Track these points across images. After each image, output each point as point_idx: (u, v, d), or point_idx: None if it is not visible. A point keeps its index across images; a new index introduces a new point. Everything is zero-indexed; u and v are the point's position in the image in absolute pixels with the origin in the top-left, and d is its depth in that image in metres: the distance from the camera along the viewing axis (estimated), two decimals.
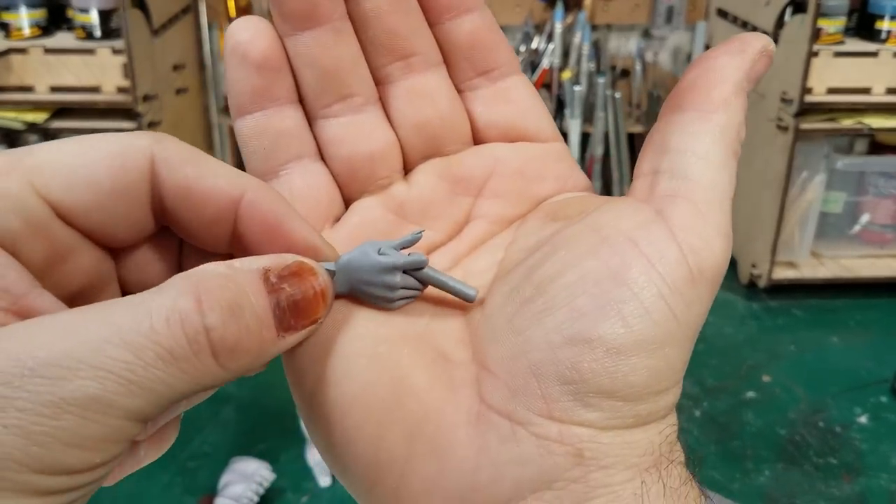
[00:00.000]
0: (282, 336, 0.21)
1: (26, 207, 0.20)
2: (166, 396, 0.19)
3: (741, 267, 1.75)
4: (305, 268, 0.22)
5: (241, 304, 0.20)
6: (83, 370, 0.18)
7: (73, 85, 1.45)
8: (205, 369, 0.19)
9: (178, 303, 0.19)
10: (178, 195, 0.22)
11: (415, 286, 0.24)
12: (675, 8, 1.89)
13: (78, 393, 0.17)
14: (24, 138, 1.54)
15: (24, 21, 1.46)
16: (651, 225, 0.22)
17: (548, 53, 1.85)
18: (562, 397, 0.21)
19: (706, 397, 1.40)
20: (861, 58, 1.56)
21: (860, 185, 1.69)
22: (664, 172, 0.23)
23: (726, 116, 0.23)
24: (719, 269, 0.22)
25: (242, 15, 1.77)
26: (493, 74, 0.27)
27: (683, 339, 0.22)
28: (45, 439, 0.17)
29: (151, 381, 0.18)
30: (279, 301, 0.21)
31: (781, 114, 1.57)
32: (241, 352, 0.20)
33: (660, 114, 0.24)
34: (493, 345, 0.23)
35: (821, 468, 1.25)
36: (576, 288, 0.22)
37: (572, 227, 0.23)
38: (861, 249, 1.73)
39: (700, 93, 0.23)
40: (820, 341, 1.56)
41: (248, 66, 0.25)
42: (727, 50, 0.24)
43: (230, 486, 1.14)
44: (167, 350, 0.18)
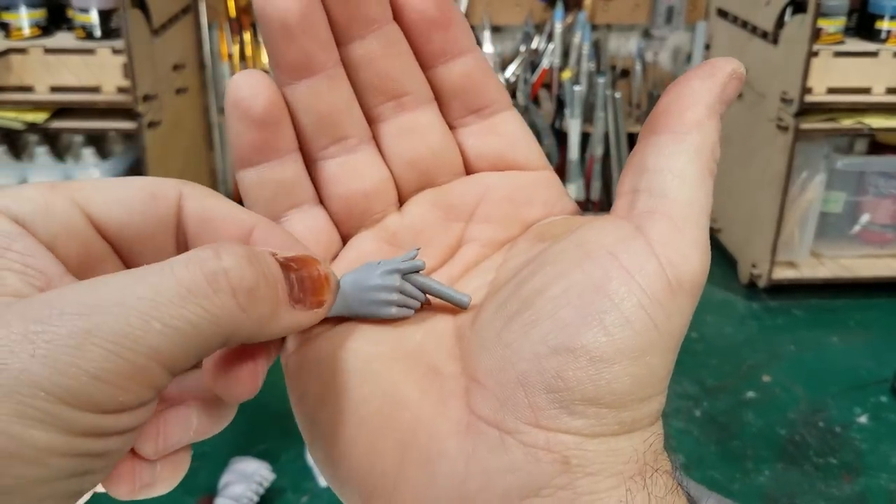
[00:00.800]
0: (293, 306, 0.22)
1: (66, 214, 0.22)
2: (190, 338, 0.20)
3: (741, 267, 1.75)
4: (309, 256, 0.23)
5: (256, 256, 0.21)
6: (109, 308, 0.19)
7: (73, 85, 1.45)
8: (224, 307, 0.20)
9: (198, 253, 0.20)
10: (200, 222, 0.24)
11: (414, 294, 0.25)
12: (675, 8, 1.89)
13: (104, 327, 0.18)
14: (24, 138, 1.54)
15: (24, 21, 1.46)
16: (631, 240, 0.23)
17: (548, 53, 1.85)
18: (548, 406, 0.22)
19: (706, 397, 1.40)
20: (861, 58, 1.56)
21: (860, 185, 1.69)
22: (643, 191, 0.24)
23: (700, 137, 0.24)
24: (697, 280, 0.23)
25: (242, 15, 1.77)
26: (484, 112, 0.28)
27: (665, 349, 0.23)
28: (71, 369, 0.18)
29: (172, 318, 0.19)
30: (289, 274, 0.22)
31: (781, 114, 1.57)
32: (260, 296, 0.21)
33: (638, 137, 0.25)
34: (482, 357, 0.23)
35: (821, 468, 1.25)
36: (560, 300, 0.22)
37: (558, 244, 0.24)
38: (861, 249, 1.73)
39: (674, 116, 0.24)
40: (820, 341, 1.56)
41: (249, 122, 0.26)
42: (698, 74, 0.25)
43: (230, 486, 1.14)
44: (186, 287, 0.20)
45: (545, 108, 1.83)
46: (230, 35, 1.77)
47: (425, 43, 0.27)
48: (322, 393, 0.25)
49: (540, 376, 0.22)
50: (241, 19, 1.78)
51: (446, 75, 0.27)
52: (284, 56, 0.25)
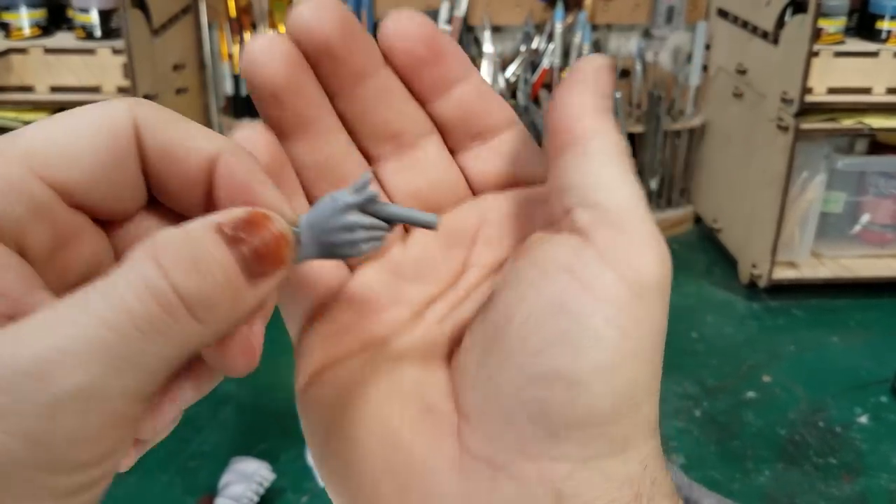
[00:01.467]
0: (254, 283, 0.21)
1: (30, 192, 0.20)
2: (156, 367, 0.19)
3: (741, 267, 1.75)
4: (258, 215, 0.22)
5: (200, 258, 0.20)
6: (68, 361, 0.18)
7: (74, 85, 1.45)
8: (185, 328, 0.19)
9: (142, 272, 0.19)
10: (161, 156, 0.22)
11: (378, 225, 0.24)
12: (675, 8, 1.89)
13: (68, 386, 0.17)
14: None
15: (24, 21, 1.46)
16: (581, 253, 0.22)
17: (548, 53, 1.85)
18: (535, 435, 0.22)
19: (706, 397, 1.40)
20: (861, 58, 1.56)
21: (860, 185, 1.69)
22: (575, 208, 0.23)
23: (600, 140, 0.23)
24: (661, 277, 0.22)
25: (243, 15, 1.77)
26: (486, 136, 0.28)
27: (643, 354, 0.22)
28: (49, 438, 0.17)
29: (136, 355, 0.18)
30: (241, 250, 0.21)
31: (781, 114, 1.57)
32: (215, 302, 0.20)
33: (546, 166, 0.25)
34: (467, 393, 0.24)
35: (821, 468, 1.25)
36: (527, 327, 0.22)
37: (516, 264, 0.24)
38: (861, 249, 1.73)
39: (566, 133, 0.24)
40: (820, 341, 1.56)
41: None
42: (570, 84, 0.24)
43: (230, 486, 1.14)
44: (143, 319, 0.18)
45: (545, 108, 1.83)
46: (230, 35, 1.77)
47: (416, 80, 0.27)
48: (326, 434, 0.25)
49: (523, 407, 0.22)
50: (241, 19, 1.78)
51: (443, 108, 0.27)
52: (277, 118, 0.26)
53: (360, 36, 0.26)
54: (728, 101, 1.80)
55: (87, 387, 0.18)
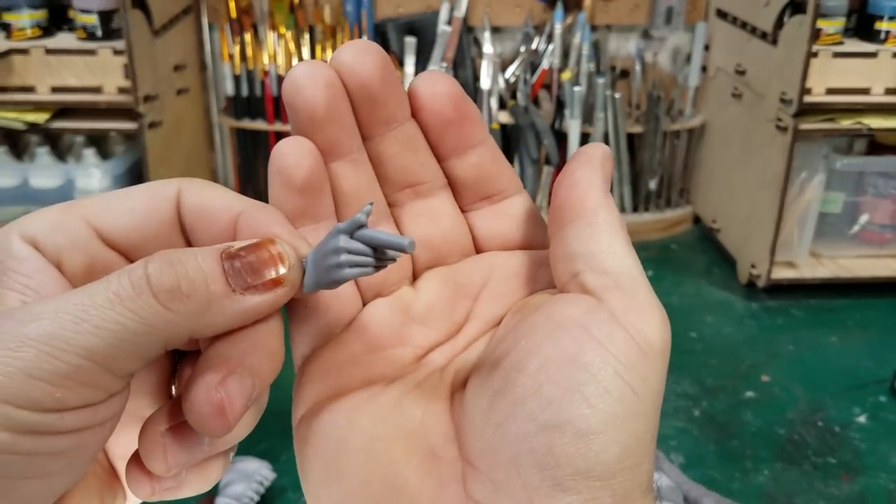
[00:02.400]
0: (241, 293, 0.23)
1: (72, 228, 0.25)
2: (122, 338, 0.21)
3: (740, 267, 1.75)
4: (264, 240, 0.24)
5: (181, 259, 0.23)
6: (45, 313, 0.21)
7: (75, 85, 1.45)
8: (149, 308, 0.22)
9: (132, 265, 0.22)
10: (195, 216, 0.26)
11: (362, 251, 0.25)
12: (674, 9, 1.89)
13: (38, 330, 0.20)
14: (26, 138, 1.55)
15: (25, 21, 1.47)
16: (596, 312, 0.24)
17: (548, 54, 1.85)
18: (542, 484, 0.23)
19: (705, 397, 1.40)
20: (860, 58, 1.56)
21: (859, 186, 1.69)
22: (585, 272, 0.25)
23: (607, 215, 0.26)
24: (665, 341, 0.24)
25: (243, 16, 1.77)
26: (494, 199, 0.30)
27: (647, 413, 0.23)
28: (9, 370, 0.20)
29: (102, 320, 0.21)
30: (233, 263, 0.23)
31: (780, 114, 1.57)
32: (180, 295, 0.22)
33: (549, 233, 0.27)
34: (474, 439, 0.24)
35: (820, 468, 1.25)
36: (540, 377, 0.23)
37: (529, 318, 0.26)
38: (860, 249, 1.74)
39: (577, 205, 0.26)
40: (819, 341, 1.57)
41: (291, 189, 0.27)
42: (579, 164, 0.27)
43: (231, 485, 1.14)
44: (115, 293, 0.21)
45: (545, 108, 1.83)
46: (231, 36, 1.78)
47: (441, 139, 0.29)
48: (326, 472, 0.26)
49: (531, 455, 0.23)
50: (241, 20, 1.78)
51: (460, 167, 0.29)
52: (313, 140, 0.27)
53: (397, 84, 0.27)
54: (727, 101, 1.80)
55: (53, 334, 0.20)
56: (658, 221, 1.94)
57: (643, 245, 1.89)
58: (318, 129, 0.26)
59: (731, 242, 1.82)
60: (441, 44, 1.80)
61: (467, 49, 1.84)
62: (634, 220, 1.92)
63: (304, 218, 0.27)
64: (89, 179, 1.52)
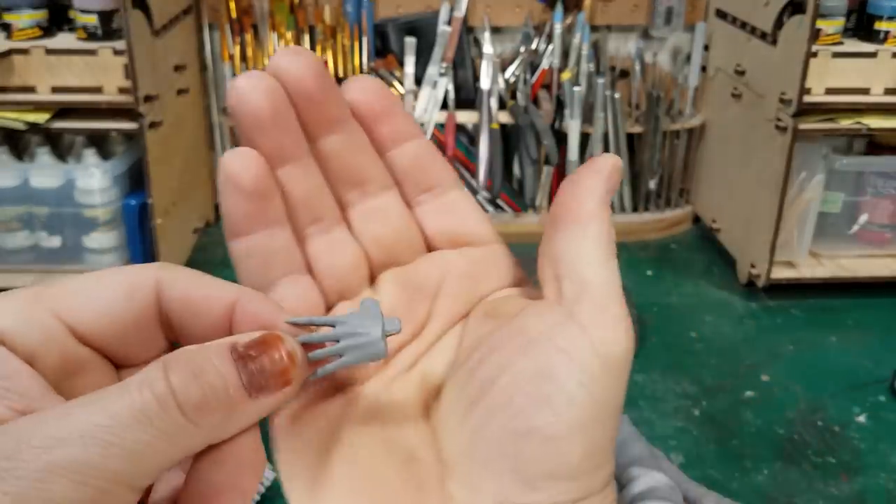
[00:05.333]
0: (255, 397, 0.23)
1: (44, 326, 0.24)
2: (148, 457, 0.21)
3: (740, 266, 1.75)
4: (272, 337, 0.24)
5: (202, 368, 0.22)
6: (71, 439, 0.20)
7: (75, 85, 1.45)
8: (176, 426, 0.22)
9: (149, 374, 0.22)
10: (181, 308, 0.25)
11: None
12: (674, 9, 1.89)
13: (66, 458, 0.20)
14: (26, 139, 1.55)
15: (25, 21, 1.47)
16: (565, 325, 0.26)
17: (547, 54, 1.85)
18: (514, 485, 0.25)
19: (705, 397, 1.40)
20: (860, 58, 1.56)
21: (859, 186, 1.69)
22: (564, 278, 0.27)
23: (599, 225, 0.27)
24: (627, 352, 0.26)
25: (244, 16, 1.77)
26: (435, 191, 0.31)
27: (607, 419, 0.26)
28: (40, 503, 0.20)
29: (131, 442, 0.21)
30: (247, 365, 0.23)
31: (780, 114, 1.57)
32: (208, 409, 0.22)
33: (545, 229, 0.28)
34: (451, 445, 0.27)
35: (819, 467, 1.26)
36: (511, 388, 0.26)
37: (502, 330, 0.27)
38: (859, 249, 1.74)
39: (575, 210, 0.27)
40: (818, 341, 1.57)
41: (239, 195, 0.27)
42: (588, 172, 0.28)
43: None
44: (141, 412, 0.21)
45: (545, 108, 1.83)
46: (231, 36, 1.78)
47: (376, 132, 0.30)
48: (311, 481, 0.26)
49: (504, 459, 0.25)
50: (241, 20, 1.78)
51: (398, 159, 0.30)
52: (259, 147, 0.27)
53: (333, 86, 0.28)
54: (727, 101, 1.80)
55: (82, 461, 0.20)
56: (658, 221, 1.94)
57: (643, 245, 1.90)
58: (264, 134, 0.27)
59: (730, 242, 1.82)
60: (441, 44, 1.81)
61: (467, 49, 1.84)
62: (634, 219, 1.92)
63: (254, 222, 0.28)
64: (89, 179, 1.52)
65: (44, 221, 1.56)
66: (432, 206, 0.31)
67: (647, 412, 1.34)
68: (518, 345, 0.26)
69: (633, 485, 0.47)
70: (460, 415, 0.26)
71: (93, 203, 1.54)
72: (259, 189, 0.27)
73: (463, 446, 0.26)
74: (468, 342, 0.29)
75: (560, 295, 0.27)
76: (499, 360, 0.26)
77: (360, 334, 0.26)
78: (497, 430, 0.25)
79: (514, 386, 0.25)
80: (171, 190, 1.61)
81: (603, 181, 0.28)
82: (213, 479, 0.23)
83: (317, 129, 0.29)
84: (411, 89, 1.81)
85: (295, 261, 0.29)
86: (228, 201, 0.27)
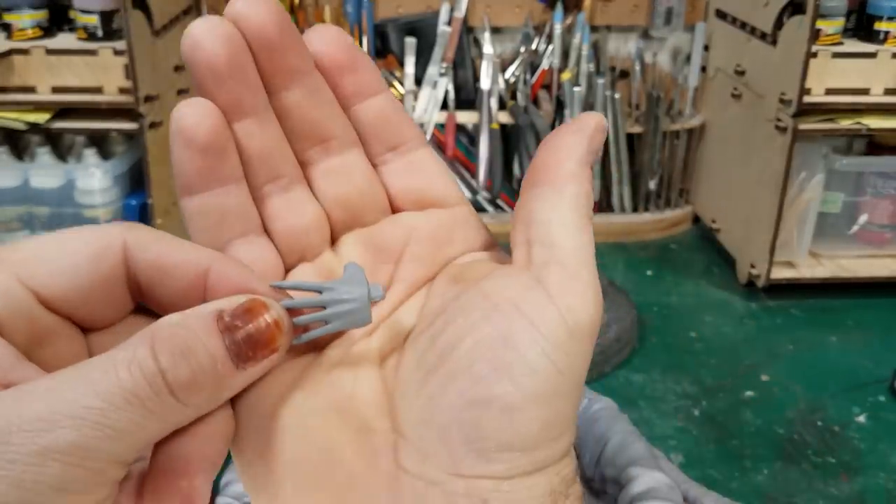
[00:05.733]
0: (242, 368, 0.23)
1: (9, 294, 0.23)
2: (139, 436, 0.21)
3: (740, 267, 1.75)
4: (257, 303, 0.24)
5: (191, 346, 0.22)
6: (62, 421, 0.20)
7: (75, 86, 1.45)
8: (167, 406, 0.22)
9: (137, 352, 0.22)
10: (151, 272, 0.25)
11: None
12: (673, 9, 1.89)
13: (60, 441, 0.20)
14: (26, 139, 1.55)
15: (26, 22, 1.47)
16: (531, 291, 0.25)
17: (547, 54, 1.85)
18: (467, 456, 0.24)
19: (705, 397, 1.40)
20: (859, 59, 1.56)
21: (858, 186, 1.69)
22: (535, 242, 0.25)
23: (576, 186, 0.26)
24: (594, 322, 0.25)
25: None
26: (401, 149, 0.29)
27: (570, 389, 0.24)
28: (35, 486, 0.20)
29: (123, 423, 0.21)
30: (234, 338, 0.23)
31: (780, 114, 1.57)
32: (197, 388, 0.22)
33: (521, 190, 0.27)
34: (407, 412, 0.25)
35: (819, 467, 1.26)
36: (472, 354, 0.24)
37: (467, 294, 0.26)
38: (859, 249, 1.74)
39: (552, 169, 0.26)
40: (818, 341, 1.57)
41: (192, 149, 0.26)
42: (569, 130, 0.26)
43: (231, 484, 1.14)
44: (131, 393, 0.21)
45: (545, 108, 1.83)
46: None
47: (339, 86, 0.28)
48: (259, 446, 0.26)
49: (459, 429, 0.24)
50: None
51: (363, 114, 0.29)
52: (215, 99, 0.26)
53: (295, 35, 0.26)
54: (726, 101, 1.80)
55: (76, 444, 0.20)
56: (658, 221, 1.94)
57: (643, 245, 1.90)
58: (220, 85, 0.25)
59: (730, 242, 1.82)
60: (441, 44, 1.81)
61: (467, 49, 1.84)
62: (634, 219, 1.92)
63: (208, 179, 0.26)
64: (90, 179, 1.52)
65: (44, 221, 1.56)
66: (397, 164, 0.29)
67: (647, 412, 1.34)
68: (482, 310, 0.25)
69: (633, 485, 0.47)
70: (418, 382, 0.25)
71: (93, 203, 1.54)
72: (214, 144, 0.26)
73: (418, 414, 0.25)
74: (431, 307, 0.27)
75: (529, 260, 0.25)
76: (461, 326, 0.25)
77: (346, 301, 0.25)
78: (454, 398, 0.24)
79: (475, 352, 0.24)
80: (172, 190, 1.61)
81: (585, 140, 0.26)
82: (182, 451, 0.23)
83: (277, 81, 0.27)
84: (411, 89, 1.81)
85: (251, 221, 0.27)
86: (181, 156, 0.26)
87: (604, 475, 0.50)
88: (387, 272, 0.29)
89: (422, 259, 0.29)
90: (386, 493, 0.24)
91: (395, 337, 0.28)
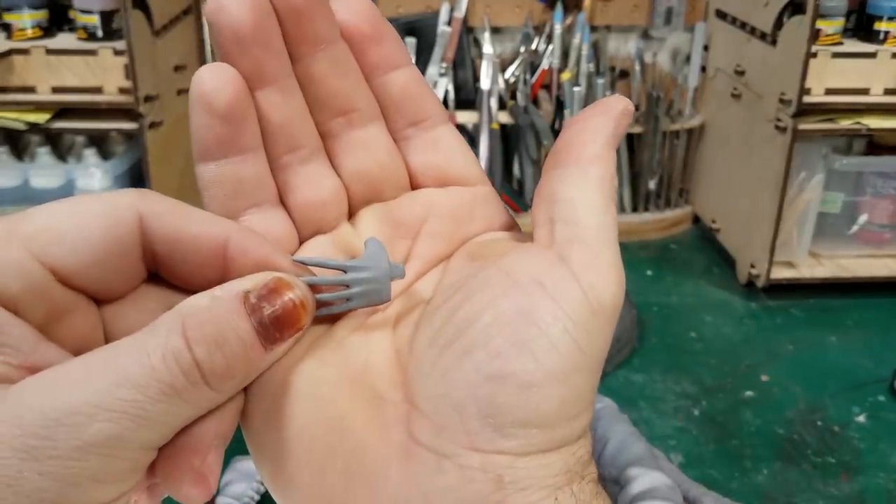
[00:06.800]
0: (270, 349, 0.23)
1: (26, 272, 0.22)
2: (174, 425, 0.22)
3: (740, 267, 1.75)
4: (282, 283, 0.24)
5: (224, 334, 0.22)
6: (100, 414, 0.20)
7: (75, 85, 1.45)
8: (202, 395, 0.22)
9: (170, 341, 0.22)
10: (168, 244, 0.24)
11: None
12: (673, 9, 1.89)
13: (100, 435, 0.20)
14: (26, 139, 1.55)
15: (26, 22, 1.47)
16: (554, 268, 0.24)
17: (547, 54, 1.85)
18: (482, 430, 0.23)
19: (705, 397, 1.40)
20: (859, 59, 1.56)
21: (858, 186, 1.70)
22: (558, 221, 0.25)
23: (601, 168, 0.26)
24: (617, 301, 0.25)
25: None
26: (424, 125, 0.29)
27: (590, 368, 0.24)
28: (77, 479, 0.20)
29: (160, 414, 0.21)
30: (262, 319, 0.23)
31: (780, 114, 1.57)
32: (230, 375, 0.23)
33: (544, 169, 0.27)
34: (421, 385, 0.25)
35: (819, 467, 1.26)
36: (491, 329, 0.24)
37: (486, 271, 0.25)
38: (859, 249, 1.74)
39: (577, 150, 0.26)
40: (818, 341, 1.57)
41: (212, 115, 0.25)
42: (595, 112, 0.26)
43: (231, 484, 1.15)
44: (168, 385, 0.21)
45: (545, 108, 1.83)
46: None
47: (363, 56, 0.27)
48: (268, 415, 0.25)
49: (475, 403, 0.23)
50: None
51: (386, 87, 0.28)
52: (237, 66, 0.25)
53: (323, 1, 0.26)
54: (726, 101, 1.81)
55: (115, 437, 0.20)
56: (657, 221, 1.94)
57: (643, 245, 1.90)
58: (244, 50, 0.25)
59: (730, 242, 1.82)
60: (441, 44, 1.81)
61: (467, 49, 1.84)
62: (634, 219, 1.92)
63: (226, 147, 0.26)
64: (90, 179, 1.53)
65: None
66: (419, 140, 0.29)
67: (646, 412, 1.35)
68: (502, 286, 0.24)
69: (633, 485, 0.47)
70: (434, 356, 0.24)
71: None
72: (234, 112, 0.25)
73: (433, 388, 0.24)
74: (448, 282, 0.27)
75: (552, 238, 0.25)
76: (480, 301, 0.24)
77: (367, 279, 0.25)
78: (471, 372, 0.23)
79: (494, 327, 0.24)
80: (172, 190, 1.61)
81: (611, 123, 0.26)
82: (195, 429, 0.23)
83: (302, 49, 0.26)
84: None
85: (267, 191, 0.27)
86: (199, 122, 0.25)
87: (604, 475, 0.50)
88: (404, 247, 0.28)
89: (440, 235, 0.28)
90: (397, 463, 0.24)
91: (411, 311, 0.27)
